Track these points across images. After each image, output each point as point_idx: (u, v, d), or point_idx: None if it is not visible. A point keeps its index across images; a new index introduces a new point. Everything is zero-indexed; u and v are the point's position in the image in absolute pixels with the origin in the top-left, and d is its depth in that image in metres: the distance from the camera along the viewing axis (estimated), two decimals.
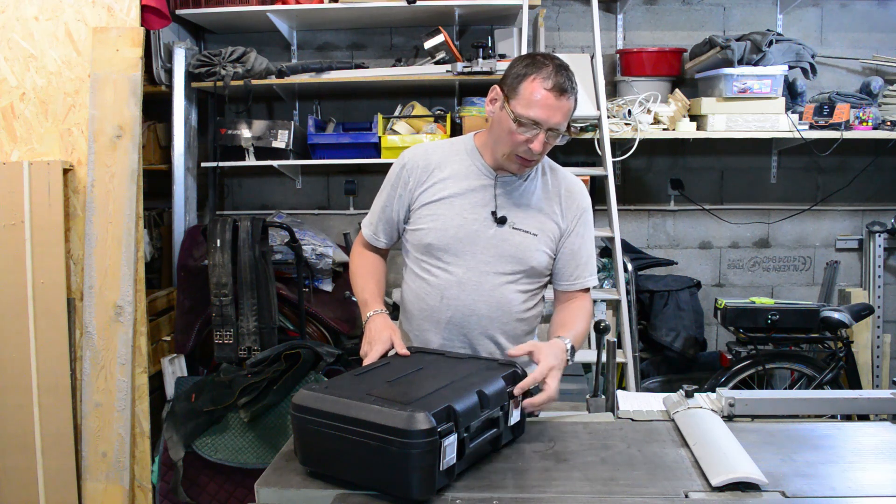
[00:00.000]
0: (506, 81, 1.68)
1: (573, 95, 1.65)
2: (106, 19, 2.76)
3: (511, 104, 1.65)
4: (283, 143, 3.29)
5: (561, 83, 1.62)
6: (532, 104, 1.62)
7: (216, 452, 2.61)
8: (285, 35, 3.51)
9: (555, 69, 1.63)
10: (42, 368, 2.66)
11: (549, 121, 1.63)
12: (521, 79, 1.64)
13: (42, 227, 2.66)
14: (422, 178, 1.79)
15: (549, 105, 1.62)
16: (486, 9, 3.27)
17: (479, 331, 1.77)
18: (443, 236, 1.75)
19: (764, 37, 3.19)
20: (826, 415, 1.73)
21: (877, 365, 3.47)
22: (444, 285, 1.77)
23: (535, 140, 1.64)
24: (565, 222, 1.81)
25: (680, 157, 3.68)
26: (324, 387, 1.37)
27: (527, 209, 1.78)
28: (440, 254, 1.77)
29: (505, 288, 1.77)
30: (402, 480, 1.22)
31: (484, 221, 1.75)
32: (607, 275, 3.32)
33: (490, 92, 1.73)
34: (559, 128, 1.65)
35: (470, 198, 1.76)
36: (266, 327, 2.81)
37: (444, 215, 1.76)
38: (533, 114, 1.62)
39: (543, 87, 1.62)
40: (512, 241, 1.75)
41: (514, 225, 1.76)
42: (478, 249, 1.75)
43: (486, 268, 1.75)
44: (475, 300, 1.75)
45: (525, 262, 1.77)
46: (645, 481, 1.30)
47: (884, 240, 3.58)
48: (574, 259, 1.82)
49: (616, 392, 1.74)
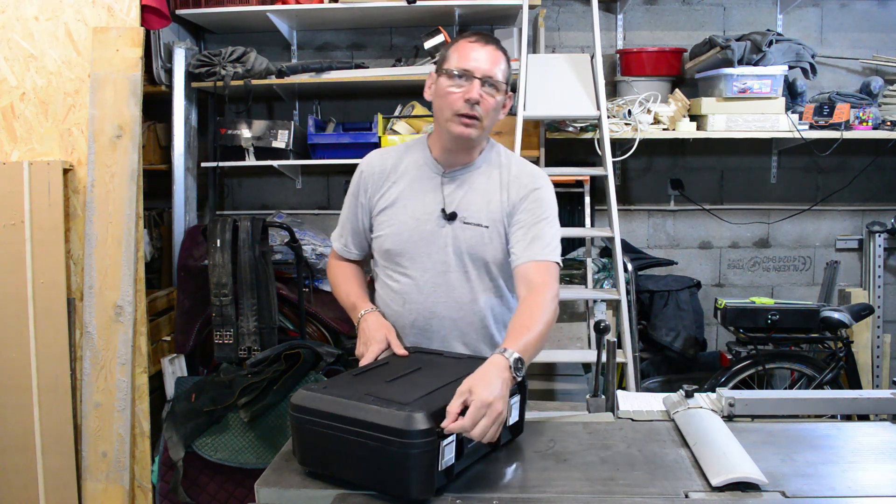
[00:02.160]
0: (438, 63, 1.75)
1: (500, 49, 1.71)
2: (106, 19, 2.76)
3: (443, 70, 1.70)
4: (283, 143, 3.29)
5: (484, 37, 1.70)
6: (459, 58, 1.68)
7: (216, 452, 2.61)
8: (285, 35, 3.51)
9: (477, 33, 1.72)
10: (42, 368, 2.66)
11: (479, 68, 1.66)
12: (447, 48, 1.73)
13: (42, 227, 2.66)
14: (378, 183, 1.78)
15: (476, 54, 1.67)
16: (486, 9, 3.27)
17: (444, 333, 1.74)
18: (398, 240, 1.74)
19: (764, 37, 3.19)
20: (826, 415, 1.73)
21: (877, 365, 3.47)
22: (404, 290, 1.75)
23: (471, 90, 1.65)
24: (510, 203, 1.73)
25: (680, 157, 3.68)
26: (322, 387, 1.37)
27: (476, 201, 1.74)
28: (399, 258, 1.75)
29: (463, 287, 1.73)
30: (400, 480, 1.22)
31: (436, 220, 1.73)
32: (607, 275, 3.32)
33: (427, 80, 1.78)
34: (493, 77, 1.67)
35: (421, 197, 1.74)
36: (266, 327, 2.81)
37: (399, 219, 1.74)
38: (462, 64, 1.66)
39: (467, 42, 1.69)
40: (463, 237, 1.72)
41: (465, 219, 1.72)
42: (433, 250, 1.72)
43: (442, 267, 1.72)
44: (434, 302, 1.73)
45: (479, 255, 1.72)
46: (645, 481, 1.30)
47: (884, 240, 3.57)
48: (524, 235, 1.69)
49: (616, 392, 1.74)
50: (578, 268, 3.36)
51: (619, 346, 2.86)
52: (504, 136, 3.17)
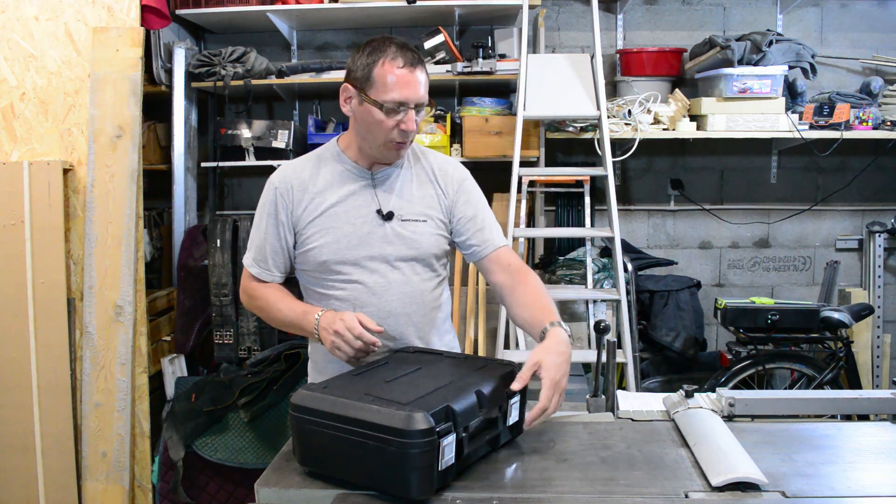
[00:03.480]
0: (354, 76, 1.65)
1: (423, 67, 1.66)
2: (106, 19, 2.76)
3: (370, 94, 1.62)
4: (283, 143, 3.29)
5: (410, 58, 1.62)
6: (390, 87, 1.60)
7: (216, 452, 2.61)
8: (285, 35, 3.51)
9: (397, 48, 1.63)
10: (42, 368, 2.66)
11: (413, 97, 1.62)
12: (369, 67, 1.62)
13: (42, 227, 2.66)
14: (298, 196, 1.73)
15: (409, 82, 1.61)
16: (486, 9, 3.27)
17: (400, 329, 1.75)
18: (337, 249, 1.71)
19: (764, 37, 3.19)
20: (826, 415, 1.72)
21: (877, 365, 3.47)
22: (353, 296, 1.73)
23: (406, 120, 1.63)
24: (447, 198, 1.78)
25: (680, 157, 3.68)
26: (322, 387, 1.37)
27: (409, 198, 1.75)
28: (339, 266, 1.72)
29: (412, 281, 1.75)
30: (400, 480, 1.22)
31: (372, 222, 1.72)
32: (607, 275, 3.32)
33: (341, 93, 1.69)
34: (423, 101, 1.65)
35: (352, 202, 1.73)
36: (266, 327, 2.81)
37: (333, 227, 1.71)
38: (396, 95, 1.61)
39: (396, 67, 1.61)
40: (403, 234, 1.73)
41: (402, 217, 1.73)
42: (375, 251, 1.72)
43: (388, 267, 1.73)
44: (388, 301, 1.73)
45: (422, 249, 1.74)
46: (645, 481, 1.30)
47: (884, 240, 3.58)
48: (474, 224, 1.78)
49: (616, 392, 1.74)
50: (578, 268, 3.36)
51: (619, 346, 2.86)
52: (504, 135, 3.18)
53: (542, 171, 3.24)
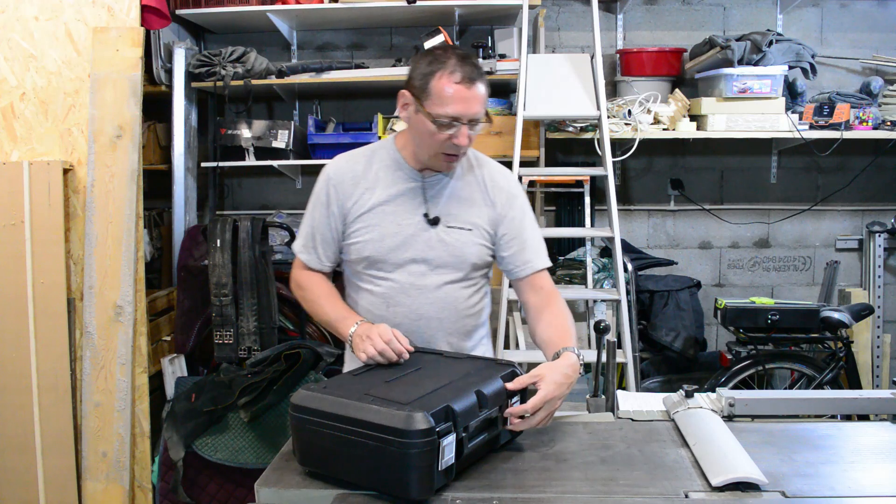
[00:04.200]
0: (413, 84, 1.65)
1: (483, 81, 1.64)
2: (106, 19, 2.76)
3: (425, 106, 1.62)
4: (283, 143, 3.29)
5: (469, 73, 1.60)
6: (446, 101, 1.60)
7: (216, 452, 2.61)
8: (285, 35, 3.51)
9: (458, 60, 1.61)
10: (42, 368, 2.66)
11: (467, 113, 1.61)
12: (427, 78, 1.62)
13: (42, 227, 2.66)
14: (349, 189, 1.75)
15: (464, 97, 1.60)
16: (486, 9, 3.27)
17: (430, 333, 1.76)
18: (380, 246, 1.73)
19: (764, 37, 3.19)
20: (826, 415, 1.73)
21: (877, 365, 3.47)
22: (389, 294, 1.75)
23: (458, 135, 1.63)
24: (497, 210, 1.78)
25: (680, 157, 3.68)
26: (322, 387, 1.37)
27: (457, 206, 1.76)
28: (380, 264, 1.74)
29: (448, 287, 1.75)
30: (400, 480, 1.22)
31: (418, 224, 1.73)
32: (607, 275, 3.32)
33: (399, 98, 1.69)
34: (478, 117, 1.64)
35: (400, 203, 1.74)
36: (266, 327, 2.81)
37: (379, 225, 1.73)
38: (450, 110, 1.60)
39: (453, 81, 1.59)
40: (447, 241, 1.74)
41: (448, 223, 1.74)
42: (416, 254, 1.73)
43: (427, 270, 1.74)
44: (421, 304, 1.74)
45: (463, 258, 1.75)
46: (645, 481, 1.30)
47: (884, 240, 3.57)
48: (517, 243, 1.79)
49: (616, 392, 1.74)
50: (578, 268, 3.36)
51: (619, 346, 2.86)
52: (504, 136, 3.17)
53: (542, 171, 3.24)
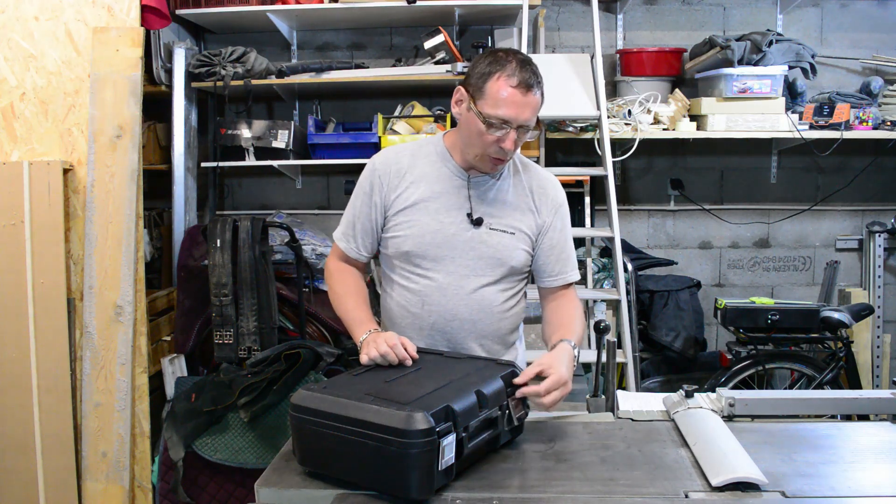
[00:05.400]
0: (470, 82, 1.65)
1: (539, 90, 1.63)
2: (106, 19, 2.76)
3: (478, 105, 1.62)
4: (283, 143, 3.29)
5: (526, 79, 1.60)
6: (499, 103, 1.59)
7: (216, 452, 2.61)
8: (285, 35, 3.51)
9: (518, 65, 1.61)
10: (42, 368, 2.66)
11: (518, 118, 1.60)
12: (485, 78, 1.61)
13: (42, 227, 2.66)
14: (394, 182, 1.74)
15: (517, 102, 1.59)
16: (486, 9, 3.27)
17: (463, 334, 1.75)
18: (420, 242, 1.72)
19: (764, 37, 3.19)
20: (826, 415, 1.73)
21: (877, 365, 3.47)
22: (425, 291, 1.74)
23: (506, 139, 1.62)
24: (541, 218, 1.78)
25: (680, 157, 3.68)
26: (322, 387, 1.37)
27: (501, 208, 1.75)
28: (419, 260, 1.74)
29: (485, 290, 1.74)
30: (400, 480, 1.22)
31: (460, 224, 1.72)
32: (607, 275, 3.32)
33: (455, 93, 1.69)
34: (529, 124, 1.63)
35: (444, 201, 1.73)
36: (266, 327, 2.81)
37: (420, 221, 1.72)
38: (502, 113, 1.59)
39: (509, 85, 1.59)
40: (489, 243, 1.73)
41: (491, 225, 1.73)
42: (456, 253, 1.72)
43: (466, 271, 1.73)
44: (456, 304, 1.73)
45: (504, 262, 1.74)
46: (645, 481, 1.30)
47: (884, 240, 3.57)
48: (555, 254, 1.80)
49: (616, 392, 1.74)
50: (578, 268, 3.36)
51: (619, 346, 2.86)
52: None
53: None
